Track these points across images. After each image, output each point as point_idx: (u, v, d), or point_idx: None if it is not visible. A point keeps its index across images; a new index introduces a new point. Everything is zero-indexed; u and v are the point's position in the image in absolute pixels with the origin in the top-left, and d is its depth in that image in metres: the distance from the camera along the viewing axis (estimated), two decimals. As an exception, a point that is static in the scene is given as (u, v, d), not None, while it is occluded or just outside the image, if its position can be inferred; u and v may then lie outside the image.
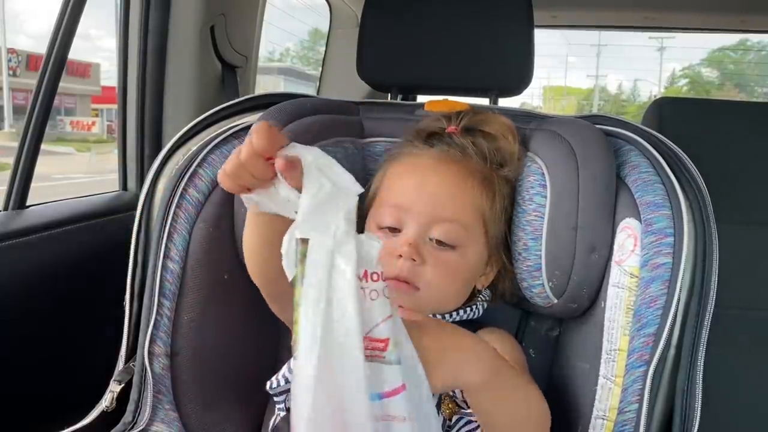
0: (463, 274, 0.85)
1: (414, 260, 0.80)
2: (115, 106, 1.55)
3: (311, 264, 0.57)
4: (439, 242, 0.83)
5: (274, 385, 0.86)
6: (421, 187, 0.85)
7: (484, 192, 0.87)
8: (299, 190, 0.59)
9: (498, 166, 0.90)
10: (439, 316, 0.86)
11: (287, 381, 0.85)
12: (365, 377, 0.56)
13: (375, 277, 0.58)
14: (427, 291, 0.81)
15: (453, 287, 0.85)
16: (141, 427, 0.85)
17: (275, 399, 0.89)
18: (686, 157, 0.86)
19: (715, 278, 0.79)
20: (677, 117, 1.53)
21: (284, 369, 0.86)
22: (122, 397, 0.88)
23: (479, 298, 0.91)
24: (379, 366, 0.58)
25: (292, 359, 0.84)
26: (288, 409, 0.86)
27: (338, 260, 0.57)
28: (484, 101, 1.21)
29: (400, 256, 0.80)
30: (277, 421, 0.89)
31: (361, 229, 0.87)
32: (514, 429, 0.72)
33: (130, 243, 0.91)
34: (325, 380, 0.55)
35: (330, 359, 0.56)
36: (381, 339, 0.58)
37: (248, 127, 0.94)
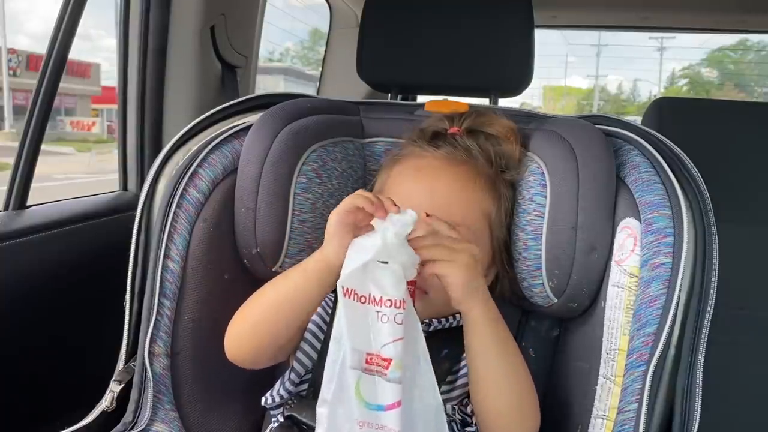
0: None
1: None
2: (115, 106, 1.56)
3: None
4: None
5: (269, 401, 0.87)
6: (429, 191, 0.85)
7: (490, 194, 0.88)
8: None
9: (502, 169, 0.90)
10: (443, 319, 0.86)
11: (282, 397, 0.86)
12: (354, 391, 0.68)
13: (389, 303, 0.67)
14: (436, 294, 0.81)
15: None
16: (141, 427, 0.85)
17: (271, 412, 0.89)
18: (686, 157, 0.86)
19: (715, 278, 0.79)
20: (677, 117, 1.53)
21: (278, 386, 0.87)
22: (122, 397, 0.88)
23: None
24: (381, 381, 0.67)
25: (286, 374, 0.85)
26: (286, 417, 0.87)
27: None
28: (484, 101, 1.21)
29: None
30: (272, 428, 0.89)
31: None
32: (506, 401, 0.77)
33: (130, 243, 0.91)
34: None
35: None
36: (385, 358, 0.67)
37: (248, 128, 0.94)
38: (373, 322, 0.68)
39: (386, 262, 0.68)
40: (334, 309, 0.89)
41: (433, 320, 0.86)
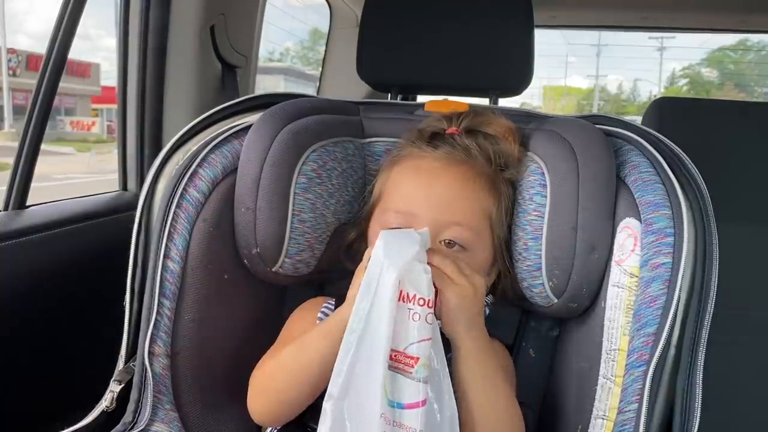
0: None
1: None
2: (115, 106, 1.56)
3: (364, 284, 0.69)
4: (449, 245, 0.83)
5: None
6: (430, 193, 0.85)
7: (490, 194, 0.87)
8: None
9: (501, 167, 0.90)
10: None
11: None
12: (382, 386, 0.66)
13: (421, 302, 0.67)
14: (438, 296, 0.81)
15: None
16: (141, 427, 0.85)
17: None
18: (686, 157, 0.86)
19: (715, 278, 0.79)
20: (677, 117, 1.53)
21: None
22: (122, 397, 0.88)
23: (483, 302, 0.91)
24: (403, 378, 0.67)
25: None
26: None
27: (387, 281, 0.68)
28: (484, 101, 1.21)
29: None
30: (272, 429, 0.89)
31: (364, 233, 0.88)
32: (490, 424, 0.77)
33: (130, 243, 0.91)
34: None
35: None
36: (411, 356, 0.66)
37: (248, 128, 0.94)
38: (404, 319, 0.67)
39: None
40: (335, 306, 0.89)
41: (437, 321, 0.86)
